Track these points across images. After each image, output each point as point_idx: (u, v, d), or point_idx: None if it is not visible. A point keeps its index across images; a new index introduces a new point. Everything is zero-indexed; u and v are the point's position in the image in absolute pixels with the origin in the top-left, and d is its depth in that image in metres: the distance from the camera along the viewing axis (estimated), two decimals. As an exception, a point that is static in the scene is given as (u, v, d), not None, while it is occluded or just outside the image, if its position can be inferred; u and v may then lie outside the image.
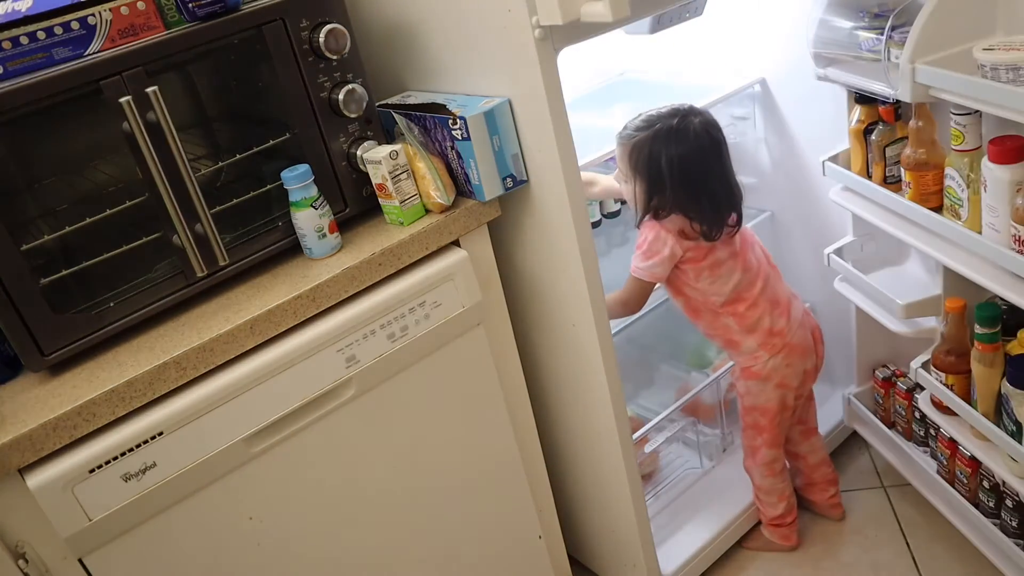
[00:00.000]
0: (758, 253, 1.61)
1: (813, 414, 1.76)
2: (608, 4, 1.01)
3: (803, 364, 1.61)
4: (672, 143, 1.45)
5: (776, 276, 1.62)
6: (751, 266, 1.56)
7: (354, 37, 1.20)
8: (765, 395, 1.61)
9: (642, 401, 1.98)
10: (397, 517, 1.32)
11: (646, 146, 1.46)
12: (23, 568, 1.01)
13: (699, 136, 1.46)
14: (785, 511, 1.71)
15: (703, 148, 1.46)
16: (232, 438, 1.10)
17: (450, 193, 1.25)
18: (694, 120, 1.47)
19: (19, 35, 0.98)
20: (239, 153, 1.19)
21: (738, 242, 1.56)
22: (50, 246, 1.05)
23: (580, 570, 1.77)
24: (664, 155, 1.45)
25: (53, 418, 0.97)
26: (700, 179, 1.47)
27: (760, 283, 1.56)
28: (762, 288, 1.56)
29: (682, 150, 1.45)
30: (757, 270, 1.57)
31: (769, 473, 1.68)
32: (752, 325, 1.56)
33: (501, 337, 1.39)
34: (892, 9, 1.31)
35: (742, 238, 1.57)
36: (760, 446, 1.65)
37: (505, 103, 1.21)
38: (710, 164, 1.48)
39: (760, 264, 1.59)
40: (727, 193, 1.50)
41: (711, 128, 1.48)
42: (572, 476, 1.63)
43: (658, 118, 1.47)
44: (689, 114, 1.48)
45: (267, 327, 1.11)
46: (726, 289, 1.54)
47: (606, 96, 1.97)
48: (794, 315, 1.60)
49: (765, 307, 1.57)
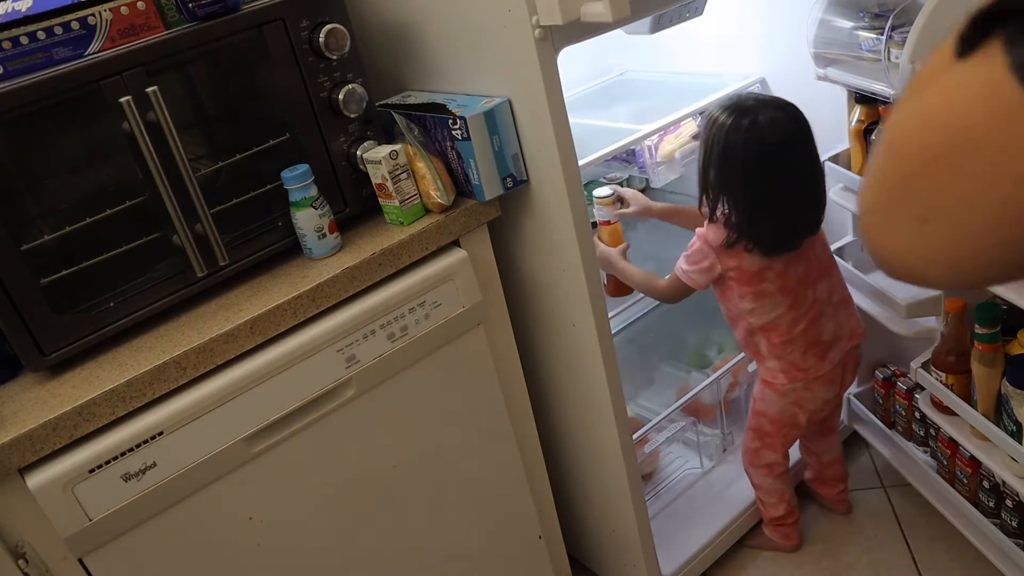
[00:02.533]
0: (819, 290, 1.48)
1: (837, 417, 1.74)
2: (608, 4, 1.01)
3: (826, 393, 1.56)
4: (731, 135, 1.33)
5: (831, 313, 1.50)
6: (800, 304, 1.47)
7: (354, 37, 1.20)
8: (778, 407, 1.58)
9: (642, 401, 1.98)
10: (397, 517, 1.32)
11: (712, 128, 1.36)
12: (23, 568, 1.01)
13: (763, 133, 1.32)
14: (786, 512, 1.71)
15: (762, 150, 1.33)
16: (232, 438, 1.10)
17: (450, 193, 1.25)
18: (759, 118, 1.33)
19: (19, 35, 0.98)
20: (239, 153, 1.19)
21: (794, 276, 1.44)
22: (50, 246, 1.05)
23: (580, 570, 1.77)
24: (723, 147, 1.34)
25: (53, 418, 0.97)
26: (744, 184, 1.36)
27: (804, 323, 1.47)
28: (805, 328, 1.48)
29: (735, 147, 1.33)
30: (807, 309, 1.47)
31: (769, 474, 1.68)
32: (780, 354, 1.52)
33: (501, 337, 1.39)
34: (892, 9, 1.32)
35: (805, 270, 1.45)
36: (760, 449, 1.65)
37: (505, 103, 1.21)
38: (764, 169, 1.34)
39: (814, 303, 1.48)
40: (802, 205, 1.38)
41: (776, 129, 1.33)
42: (572, 476, 1.63)
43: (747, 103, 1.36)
44: (760, 110, 1.34)
45: (267, 327, 1.11)
46: (764, 320, 1.49)
47: (606, 96, 1.97)
48: (831, 357, 1.52)
49: (801, 345, 1.50)
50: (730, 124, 1.35)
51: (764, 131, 1.33)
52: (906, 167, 0.39)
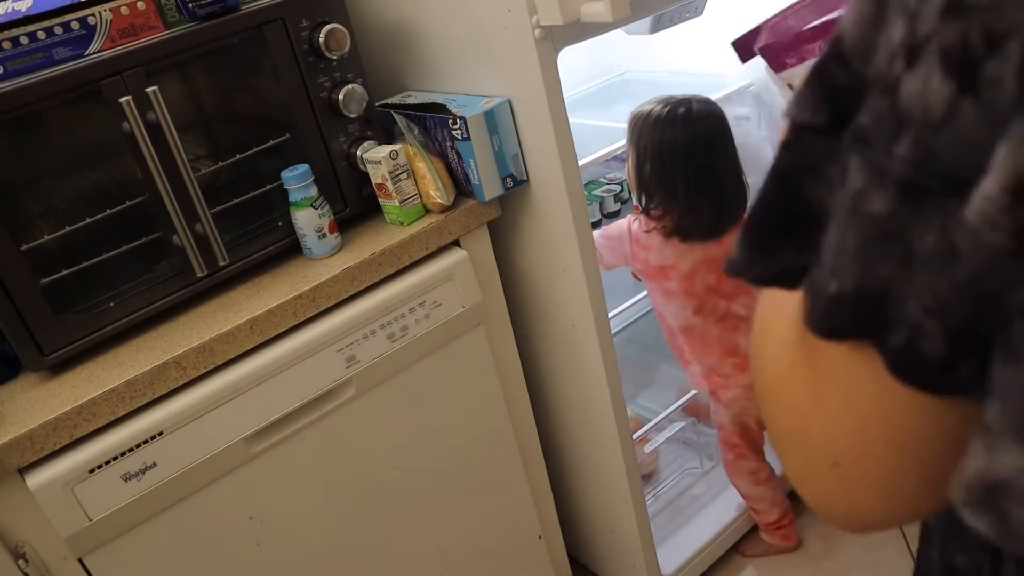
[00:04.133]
0: (735, 305, 1.51)
1: None
2: (608, 4, 1.01)
3: None
4: (667, 127, 1.42)
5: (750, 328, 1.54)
6: (707, 311, 1.51)
7: (354, 37, 1.20)
8: (728, 418, 1.63)
9: (642, 401, 1.98)
10: (397, 517, 1.32)
11: (644, 124, 1.44)
12: (23, 568, 1.01)
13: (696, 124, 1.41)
14: (780, 515, 1.71)
15: (695, 137, 1.42)
16: (232, 438, 1.10)
17: (450, 193, 1.25)
18: (694, 107, 1.42)
19: (19, 35, 0.98)
20: (239, 153, 1.19)
21: (703, 282, 1.48)
22: (50, 246, 1.05)
23: (580, 570, 1.77)
24: (659, 138, 1.42)
25: (53, 418, 0.97)
26: (684, 169, 1.42)
27: (716, 331, 1.53)
28: (718, 336, 1.53)
29: (674, 135, 1.41)
30: (717, 319, 1.51)
31: (754, 482, 1.68)
32: (699, 357, 1.57)
33: (501, 337, 1.39)
34: (892, 9, 1.31)
35: (717, 281, 1.48)
36: (736, 460, 1.67)
37: (505, 103, 1.21)
38: (700, 155, 1.43)
39: (727, 315, 1.51)
40: (716, 191, 1.45)
41: (711, 117, 1.43)
42: (572, 476, 1.63)
43: (670, 100, 1.44)
44: (692, 101, 1.43)
45: (267, 327, 1.11)
46: (678, 322, 1.55)
47: (606, 96, 1.97)
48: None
49: (716, 351, 1.54)
50: (665, 116, 1.42)
51: (697, 120, 1.42)
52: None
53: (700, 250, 1.48)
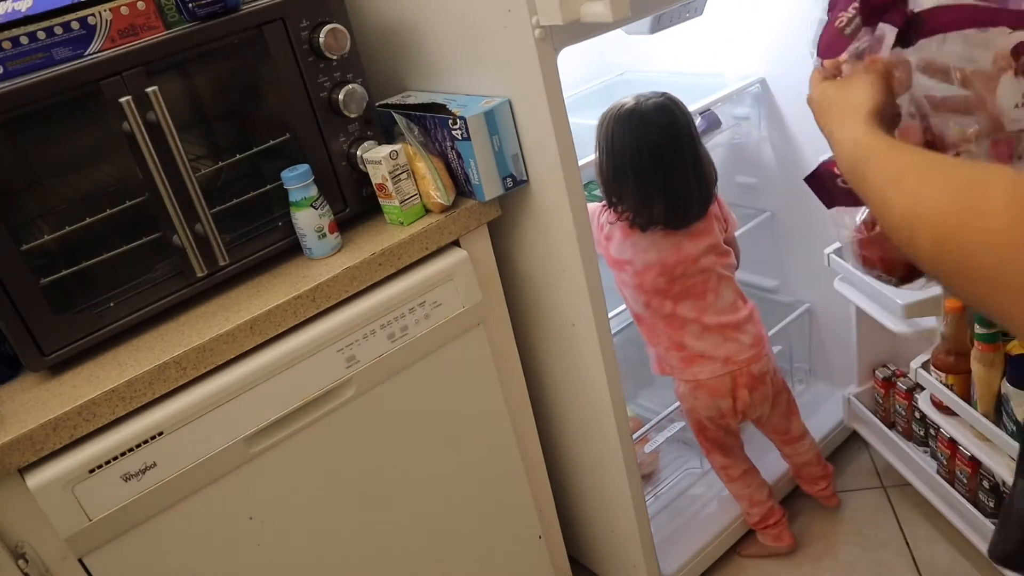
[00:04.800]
0: (681, 308, 1.52)
1: (795, 424, 1.71)
2: (608, 4, 1.01)
3: (714, 402, 1.57)
4: (617, 125, 1.44)
5: (697, 333, 1.53)
6: (654, 309, 1.53)
7: (354, 37, 1.20)
8: (685, 409, 1.64)
9: (642, 401, 1.98)
10: (397, 517, 1.32)
11: (603, 121, 1.47)
12: (23, 568, 1.01)
13: (643, 118, 1.42)
14: (763, 515, 1.70)
15: (645, 135, 1.42)
16: (232, 438, 1.10)
17: (450, 193, 1.25)
18: (643, 103, 1.43)
19: (19, 35, 0.98)
20: (239, 153, 1.19)
21: (652, 282, 1.50)
22: (50, 246, 1.05)
23: (580, 570, 1.77)
24: (611, 136, 1.44)
25: (53, 418, 0.97)
26: (634, 166, 1.44)
27: (662, 325, 1.55)
28: (665, 331, 1.56)
29: (623, 133, 1.43)
30: (662, 317, 1.53)
31: (727, 479, 1.69)
32: (653, 342, 1.60)
33: (501, 337, 1.39)
34: (892, 9, 1.31)
35: (667, 284, 1.50)
36: (706, 453, 1.69)
37: (505, 103, 1.21)
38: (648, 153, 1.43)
39: (672, 316, 1.53)
40: (668, 188, 1.45)
41: (660, 111, 1.43)
42: (572, 476, 1.63)
43: (625, 98, 1.46)
44: (644, 97, 1.44)
45: (267, 327, 1.11)
46: (635, 308, 1.58)
47: (606, 96, 1.97)
48: (696, 371, 1.55)
49: (665, 342, 1.57)
50: (615, 115, 1.44)
51: (647, 117, 1.42)
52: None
53: (655, 252, 1.49)
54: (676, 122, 1.44)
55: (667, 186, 1.45)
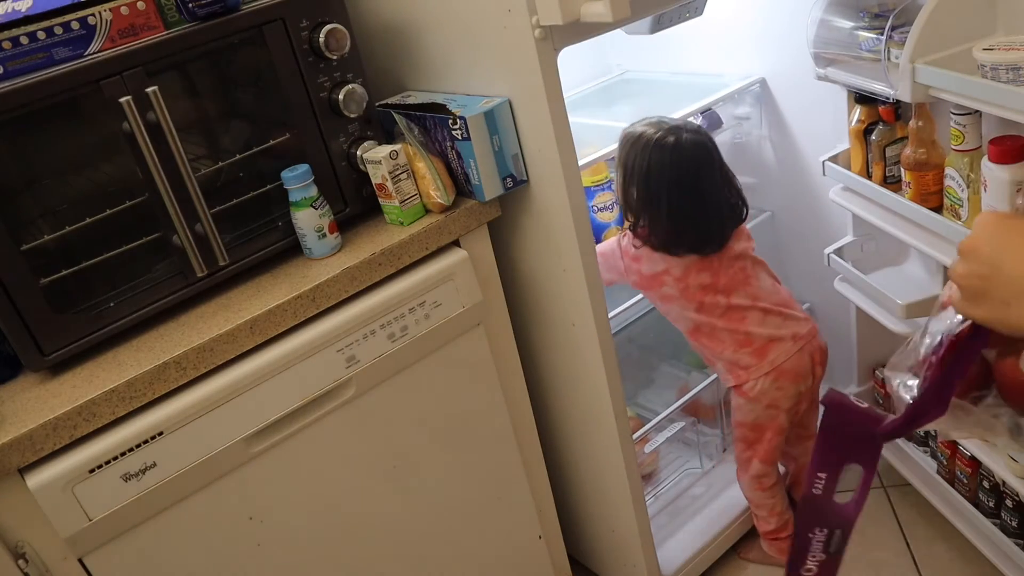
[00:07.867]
0: (735, 298, 1.52)
1: (814, 420, 1.73)
2: (608, 4, 1.01)
3: (796, 387, 1.58)
4: (655, 152, 1.44)
5: (758, 319, 1.53)
6: (708, 309, 1.53)
7: (354, 37, 1.20)
8: (754, 414, 1.60)
9: (642, 401, 1.98)
10: (396, 517, 1.32)
11: (633, 146, 1.47)
12: (23, 568, 1.01)
13: (683, 152, 1.44)
14: (779, 526, 1.70)
15: (681, 166, 1.44)
16: (232, 438, 1.10)
17: (450, 193, 1.25)
18: (683, 136, 1.45)
19: (19, 35, 0.98)
20: (239, 153, 1.19)
21: (696, 282, 1.50)
22: (50, 246, 1.05)
23: (580, 570, 1.77)
24: (647, 162, 1.45)
25: (53, 418, 0.97)
26: (669, 195, 1.45)
27: (722, 324, 1.54)
28: (727, 329, 1.54)
29: (661, 161, 1.44)
30: (720, 314, 1.53)
31: (758, 487, 1.67)
32: (719, 355, 1.57)
33: (501, 337, 1.39)
34: (892, 9, 1.32)
35: (712, 279, 1.51)
36: (750, 459, 1.65)
37: (505, 103, 1.21)
38: (685, 184, 1.45)
39: (729, 309, 1.53)
40: (700, 217, 1.47)
41: (698, 147, 1.46)
42: (572, 476, 1.63)
43: (661, 125, 1.47)
44: (682, 130, 1.46)
45: (267, 327, 1.11)
46: (687, 324, 1.56)
47: (606, 96, 1.97)
48: (772, 357, 1.54)
49: (731, 345, 1.55)
50: (654, 141, 1.44)
51: (685, 150, 1.44)
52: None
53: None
54: (713, 158, 1.47)
55: (699, 216, 1.47)
